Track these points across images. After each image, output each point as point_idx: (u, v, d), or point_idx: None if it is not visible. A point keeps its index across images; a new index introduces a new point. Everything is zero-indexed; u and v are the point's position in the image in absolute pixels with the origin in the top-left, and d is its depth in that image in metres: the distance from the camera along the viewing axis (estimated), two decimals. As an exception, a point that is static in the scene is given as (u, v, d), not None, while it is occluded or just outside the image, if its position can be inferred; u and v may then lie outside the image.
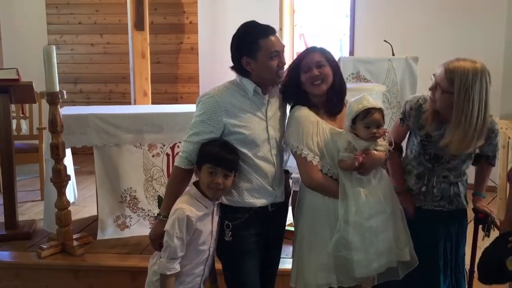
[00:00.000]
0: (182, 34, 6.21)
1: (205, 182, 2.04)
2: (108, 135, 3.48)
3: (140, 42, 5.22)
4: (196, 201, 2.06)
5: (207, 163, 2.03)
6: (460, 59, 2.04)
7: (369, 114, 2.01)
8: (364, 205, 2.01)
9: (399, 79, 3.61)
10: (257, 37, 2.04)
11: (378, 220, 2.02)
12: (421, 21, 4.82)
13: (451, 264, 2.29)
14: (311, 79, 2.08)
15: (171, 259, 2.02)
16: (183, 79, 6.24)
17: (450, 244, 2.28)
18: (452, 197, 2.25)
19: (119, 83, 6.28)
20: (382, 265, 2.04)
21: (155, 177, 3.59)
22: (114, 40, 6.27)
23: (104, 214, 3.54)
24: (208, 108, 2.07)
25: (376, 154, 2.03)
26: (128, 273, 3.11)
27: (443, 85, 2.03)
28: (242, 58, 2.06)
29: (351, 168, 2.02)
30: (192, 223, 2.01)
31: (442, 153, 2.17)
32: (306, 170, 2.08)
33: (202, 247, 2.09)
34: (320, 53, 2.12)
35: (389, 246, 2.03)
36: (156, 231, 2.11)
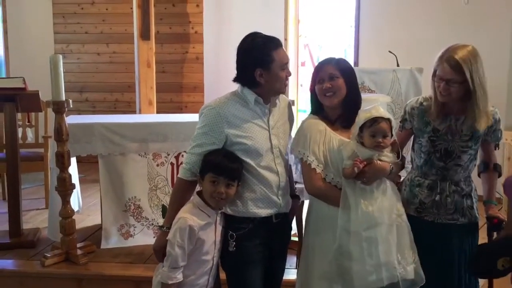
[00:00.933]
0: (187, 44, 6.25)
1: (207, 191, 2.05)
2: (113, 144, 3.49)
3: (145, 51, 5.25)
4: (199, 210, 2.06)
5: (210, 172, 2.04)
6: (454, 49, 2.10)
7: (375, 123, 2.03)
8: (364, 215, 2.00)
9: (404, 90, 3.61)
10: (270, 49, 2.08)
11: (377, 231, 2.01)
12: (426, 32, 4.84)
13: (465, 279, 2.27)
14: (323, 91, 2.11)
15: (172, 268, 2.02)
16: (188, 89, 6.27)
17: (464, 258, 2.26)
18: (465, 209, 2.25)
19: (125, 92, 6.31)
20: (381, 278, 2.01)
21: (160, 186, 3.59)
22: (120, 50, 6.32)
23: (108, 223, 3.55)
24: (209, 120, 2.09)
25: (379, 165, 2.03)
26: (132, 282, 3.11)
27: (456, 78, 2.08)
28: (255, 70, 2.07)
29: (352, 175, 2.02)
30: (194, 232, 2.02)
31: (452, 147, 2.20)
32: (309, 177, 2.10)
33: (205, 257, 2.09)
34: (335, 65, 2.14)
35: (389, 260, 2.01)
36: (160, 242, 2.12)
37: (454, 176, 2.24)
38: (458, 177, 2.25)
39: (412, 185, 2.30)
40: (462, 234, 2.26)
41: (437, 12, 4.96)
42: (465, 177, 2.26)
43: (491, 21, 4.76)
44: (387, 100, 3.40)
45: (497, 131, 2.25)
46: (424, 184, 2.27)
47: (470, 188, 2.27)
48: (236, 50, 2.13)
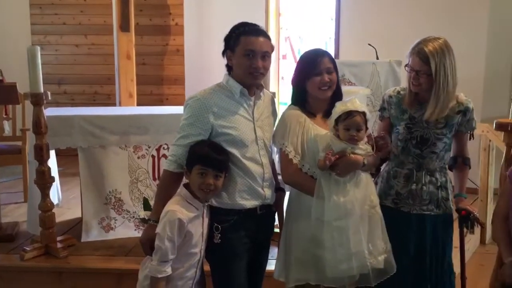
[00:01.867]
0: (167, 36, 6.21)
1: (195, 183, 2.04)
2: (93, 136, 3.45)
3: (125, 43, 5.20)
4: (187, 203, 2.06)
5: (198, 164, 2.03)
6: (425, 42, 2.18)
7: (350, 116, 2.05)
8: (336, 205, 2.04)
9: (383, 82, 3.65)
10: (241, 33, 2.09)
11: (348, 222, 2.04)
12: (404, 25, 4.89)
13: (437, 270, 2.33)
14: (321, 84, 2.12)
15: (162, 262, 2.00)
16: (169, 81, 6.24)
17: (436, 250, 2.32)
18: (440, 201, 2.31)
19: (104, 85, 6.24)
20: (352, 267, 2.06)
21: (141, 179, 3.57)
22: (99, 41, 6.24)
23: (88, 216, 3.52)
24: (195, 111, 2.09)
25: (352, 158, 2.05)
26: (113, 275, 3.09)
27: (424, 69, 2.16)
28: (226, 51, 2.13)
29: (324, 168, 2.05)
30: (183, 225, 2.01)
31: (427, 134, 2.26)
32: (286, 166, 2.14)
33: (193, 250, 2.09)
34: (329, 59, 2.17)
35: (359, 250, 2.05)
36: (147, 235, 2.11)
37: (429, 165, 2.29)
38: (434, 166, 2.30)
39: (388, 177, 2.35)
40: (436, 225, 2.32)
41: (415, 5, 5.03)
42: (440, 167, 2.32)
43: (468, 14, 4.84)
44: (367, 92, 3.44)
45: (471, 120, 2.31)
46: (401, 174, 2.32)
47: (445, 180, 2.33)
48: None
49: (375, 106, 3.48)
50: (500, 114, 4.35)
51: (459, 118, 2.29)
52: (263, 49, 2.10)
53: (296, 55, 5.84)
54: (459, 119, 2.29)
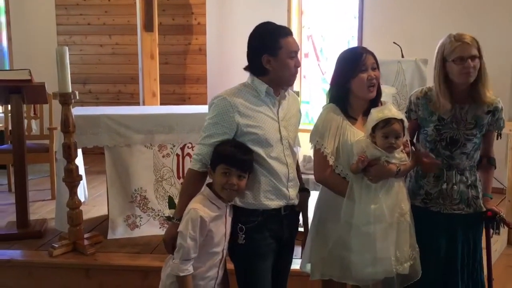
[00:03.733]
0: (190, 35, 6.25)
1: (219, 182, 2.05)
2: (119, 135, 3.51)
3: (149, 43, 5.26)
4: (210, 202, 2.06)
5: (222, 163, 2.04)
6: (460, 33, 2.20)
7: (388, 124, 2.03)
8: (365, 211, 2.03)
9: (408, 81, 3.61)
10: (279, 36, 2.09)
11: (377, 228, 2.04)
12: (429, 23, 4.84)
13: (468, 268, 2.32)
14: (368, 81, 2.10)
15: (184, 260, 2.01)
16: (191, 80, 6.28)
17: (467, 248, 2.31)
18: (471, 200, 2.29)
19: (128, 84, 6.32)
20: (377, 272, 2.06)
21: (165, 178, 3.61)
22: (122, 41, 6.32)
23: (114, 214, 3.57)
24: (220, 110, 2.09)
25: (385, 166, 2.04)
26: (139, 272, 3.13)
27: (477, 53, 2.17)
28: (263, 56, 2.09)
29: (357, 171, 2.04)
30: (205, 224, 2.02)
31: (457, 135, 2.25)
32: (320, 165, 2.13)
33: (215, 249, 2.09)
34: (373, 55, 2.15)
35: (386, 256, 2.05)
36: (170, 234, 2.12)
37: (459, 165, 2.27)
38: (464, 166, 2.28)
39: (417, 176, 2.33)
40: (467, 224, 2.31)
41: (440, 2, 4.96)
42: (470, 166, 2.30)
43: (494, 10, 4.75)
44: (393, 91, 3.40)
45: (499, 119, 2.29)
46: (430, 174, 2.30)
47: (475, 178, 2.31)
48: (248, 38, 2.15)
49: (400, 105, 3.45)
50: (528, 112, 4.27)
51: (489, 118, 2.26)
52: (298, 48, 2.15)
53: (318, 54, 5.82)
54: (489, 119, 2.27)
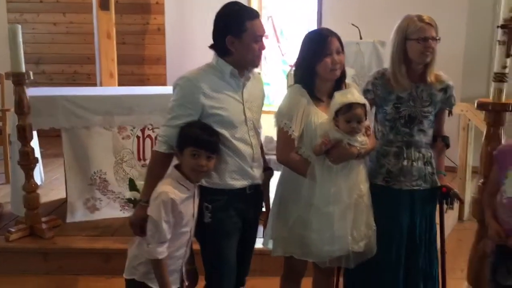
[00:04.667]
0: (148, 15, 6.12)
1: (188, 164, 2.04)
2: (76, 117, 3.43)
3: (105, 22, 5.11)
4: (179, 184, 2.06)
5: (190, 146, 2.03)
6: (419, 14, 2.29)
7: (351, 109, 2.05)
8: (326, 191, 2.08)
9: (367, 62, 3.67)
10: (244, 18, 2.07)
11: (336, 208, 2.09)
12: (386, 5, 4.92)
13: (425, 242, 2.43)
14: (332, 65, 2.11)
15: (160, 243, 2.01)
16: (150, 61, 6.17)
17: (425, 223, 2.42)
18: (427, 176, 2.39)
19: (84, 64, 6.14)
20: (334, 250, 2.13)
21: (125, 160, 3.57)
22: (77, 20, 6.11)
23: (73, 197, 3.52)
24: (185, 91, 2.08)
25: (347, 149, 2.07)
26: (101, 254, 3.12)
27: (436, 35, 2.26)
28: (227, 37, 2.07)
29: (319, 153, 2.08)
30: (176, 206, 2.02)
31: (414, 112, 2.33)
32: (284, 146, 2.15)
33: (184, 229, 2.10)
34: (338, 38, 2.15)
35: (343, 235, 2.10)
36: (137, 216, 2.11)
37: (418, 142, 2.36)
38: (421, 143, 2.37)
39: (378, 156, 2.40)
40: (425, 199, 2.41)
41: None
42: (426, 143, 2.39)
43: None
44: (352, 72, 3.46)
45: (451, 97, 2.39)
46: (390, 152, 2.38)
47: (430, 155, 2.41)
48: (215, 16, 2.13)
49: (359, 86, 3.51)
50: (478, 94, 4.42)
51: (442, 96, 2.37)
52: (265, 32, 2.13)
53: (278, 35, 5.83)
54: (442, 96, 2.37)
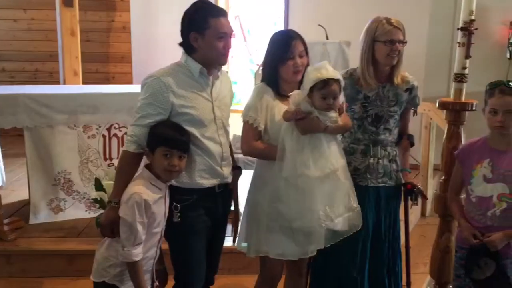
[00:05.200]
0: (113, 12, 6.04)
1: (160, 165, 2.02)
2: (39, 116, 3.36)
3: (69, 19, 4.99)
4: (151, 185, 2.03)
5: (162, 145, 2.01)
6: (387, 18, 2.34)
7: (327, 85, 2.05)
8: (293, 163, 2.08)
9: (333, 62, 3.72)
10: (208, 15, 2.06)
11: (305, 181, 2.07)
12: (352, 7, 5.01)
13: (389, 238, 2.49)
14: (294, 68, 2.14)
15: (136, 245, 1.98)
16: (115, 59, 6.09)
17: (389, 218, 2.48)
18: (392, 173, 2.46)
19: (46, 62, 6.01)
20: (304, 226, 2.11)
21: (91, 159, 3.51)
22: (39, 16, 5.98)
23: (36, 198, 3.44)
24: (154, 90, 2.06)
25: (315, 121, 2.08)
26: (65, 256, 3.06)
27: (403, 39, 2.33)
28: (190, 33, 2.08)
29: (289, 119, 2.09)
30: (149, 207, 1.99)
31: (381, 112, 2.40)
32: (248, 136, 2.18)
33: (156, 230, 2.08)
34: (302, 42, 2.18)
35: (313, 209, 2.09)
36: (108, 218, 2.07)
37: (384, 141, 2.43)
38: (387, 141, 2.44)
39: (345, 154, 2.43)
40: (390, 196, 2.48)
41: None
42: (391, 141, 2.47)
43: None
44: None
45: (415, 97, 2.48)
46: (357, 150, 2.44)
47: (395, 153, 2.48)
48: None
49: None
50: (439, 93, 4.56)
51: (407, 96, 2.44)
52: (231, 29, 2.12)
53: (245, 34, 5.84)
54: (407, 96, 2.44)
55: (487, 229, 2.21)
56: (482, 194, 2.22)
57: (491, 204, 2.20)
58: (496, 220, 2.20)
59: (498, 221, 2.20)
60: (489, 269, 2.19)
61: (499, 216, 2.19)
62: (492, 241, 2.16)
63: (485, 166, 2.23)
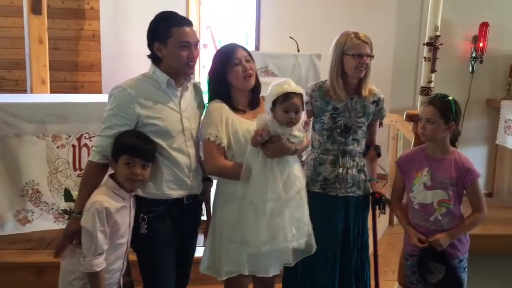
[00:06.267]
0: (82, 20, 5.95)
1: (122, 173, 2.02)
2: (6, 125, 3.29)
3: (37, 26, 4.90)
4: (113, 193, 2.02)
5: (125, 154, 2.01)
6: (356, 32, 2.40)
7: (288, 98, 2.07)
8: (263, 187, 2.07)
9: (304, 74, 3.81)
10: (171, 24, 2.08)
11: (273, 204, 2.07)
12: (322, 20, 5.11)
13: (358, 246, 2.55)
14: (244, 73, 2.15)
15: (98, 255, 1.96)
16: (84, 67, 5.99)
17: (357, 227, 2.54)
18: (361, 182, 2.52)
19: (12, 69, 5.86)
20: (273, 250, 2.10)
21: (60, 169, 3.45)
22: (5, 23, 5.83)
23: (3, 209, 3.36)
24: (120, 101, 2.06)
25: (286, 144, 2.08)
26: (33, 268, 2.99)
27: (370, 53, 2.39)
28: (154, 43, 2.09)
29: (255, 143, 2.07)
30: (111, 215, 1.98)
31: (350, 123, 2.46)
32: (212, 155, 2.13)
33: (120, 240, 2.06)
34: (244, 49, 2.21)
35: (282, 232, 2.09)
36: (70, 228, 2.06)
37: (352, 151, 2.49)
38: (355, 152, 2.51)
39: (315, 164, 2.51)
40: (358, 205, 2.54)
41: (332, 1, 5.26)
42: (359, 152, 2.53)
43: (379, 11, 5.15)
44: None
45: (382, 109, 2.56)
46: (327, 160, 2.49)
47: (363, 163, 2.55)
48: None
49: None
50: (406, 105, 4.71)
51: (374, 108, 2.52)
52: (196, 39, 2.13)
53: (217, 45, 5.88)
54: (374, 108, 2.52)
55: (431, 233, 2.34)
56: (423, 201, 2.37)
57: (432, 210, 2.35)
58: (439, 224, 2.34)
59: (441, 224, 2.34)
60: (440, 272, 2.32)
61: (442, 220, 2.34)
62: (436, 240, 2.30)
63: (425, 174, 2.37)
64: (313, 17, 5.22)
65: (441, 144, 2.35)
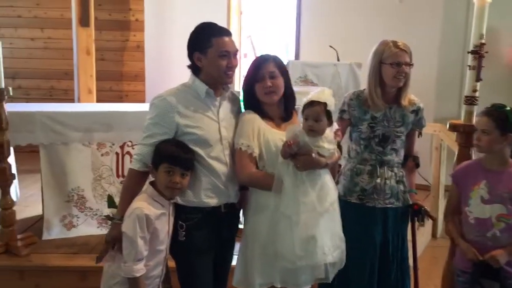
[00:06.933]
0: (127, 32, 6.15)
1: (162, 181, 2.06)
2: (55, 133, 3.41)
3: (84, 38, 5.10)
4: (153, 201, 2.07)
5: (164, 162, 2.05)
6: (394, 41, 2.38)
7: (310, 106, 2.07)
8: (295, 199, 2.06)
9: (344, 84, 3.78)
10: (210, 34, 2.12)
11: (308, 217, 2.05)
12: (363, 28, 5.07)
13: (397, 258, 2.50)
14: (264, 89, 2.16)
15: (137, 261, 2.00)
16: (129, 77, 6.18)
17: (397, 239, 2.49)
18: (399, 194, 2.47)
19: (61, 80, 6.12)
20: (309, 264, 2.08)
21: (104, 176, 3.55)
22: (55, 35, 6.10)
23: (49, 214, 3.47)
24: (160, 110, 2.11)
25: (315, 158, 2.06)
26: (77, 273, 3.07)
27: (409, 61, 2.36)
28: (194, 53, 2.14)
29: (284, 155, 2.07)
30: (151, 221, 2.02)
31: (388, 132, 2.43)
32: (243, 164, 2.14)
33: (160, 247, 2.10)
34: (274, 63, 2.20)
35: (318, 245, 2.06)
36: (112, 234, 2.11)
37: (390, 161, 2.45)
38: (393, 162, 2.47)
39: (352, 175, 2.47)
40: (397, 217, 2.49)
41: (373, 8, 5.21)
42: (398, 162, 2.49)
43: (422, 19, 5.06)
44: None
45: (421, 119, 2.51)
46: (364, 171, 2.45)
47: (402, 174, 2.50)
48: None
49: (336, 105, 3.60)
50: (451, 115, 4.59)
51: (413, 117, 2.47)
52: (234, 48, 2.17)
53: (257, 54, 5.92)
54: (413, 118, 2.47)
55: (488, 250, 2.22)
56: (480, 216, 2.25)
57: (490, 225, 2.23)
58: (496, 240, 2.22)
59: (499, 241, 2.22)
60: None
61: (500, 237, 2.22)
62: (493, 256, 2.18)
63: (482, 187, 2.26)
64: (354, 26, 5.19)
65: (499, 155, 2.25)
